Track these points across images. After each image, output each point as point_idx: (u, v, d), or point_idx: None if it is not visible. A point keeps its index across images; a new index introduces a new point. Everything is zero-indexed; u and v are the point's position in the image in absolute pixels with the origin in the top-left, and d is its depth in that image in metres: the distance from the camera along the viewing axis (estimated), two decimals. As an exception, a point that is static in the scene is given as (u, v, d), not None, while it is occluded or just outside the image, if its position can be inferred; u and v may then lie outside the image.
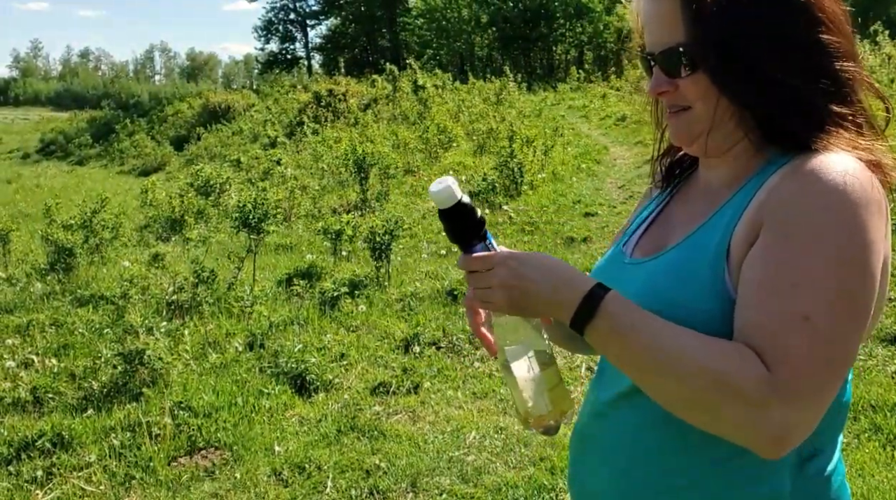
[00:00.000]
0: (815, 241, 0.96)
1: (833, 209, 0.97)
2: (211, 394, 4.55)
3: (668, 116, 1.16)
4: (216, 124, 26.72)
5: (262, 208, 6.52)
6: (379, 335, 5.50)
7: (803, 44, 1.04)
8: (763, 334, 0.96)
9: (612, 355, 1.03)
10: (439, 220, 1.11)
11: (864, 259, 0.96)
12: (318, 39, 58.31)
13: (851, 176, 0.98)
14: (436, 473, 3.67)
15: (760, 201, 1.04)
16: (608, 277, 1.21)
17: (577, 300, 1.01)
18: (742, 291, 1.01)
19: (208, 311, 5.88)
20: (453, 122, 17.18)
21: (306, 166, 14.48)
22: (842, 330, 0.95)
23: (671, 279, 1.10)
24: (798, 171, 1.01)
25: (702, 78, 1.07)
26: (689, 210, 1.20)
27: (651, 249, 1.22)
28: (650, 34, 1.12)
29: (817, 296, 0.95)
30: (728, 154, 1.13)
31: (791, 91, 1.03)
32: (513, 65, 38.62)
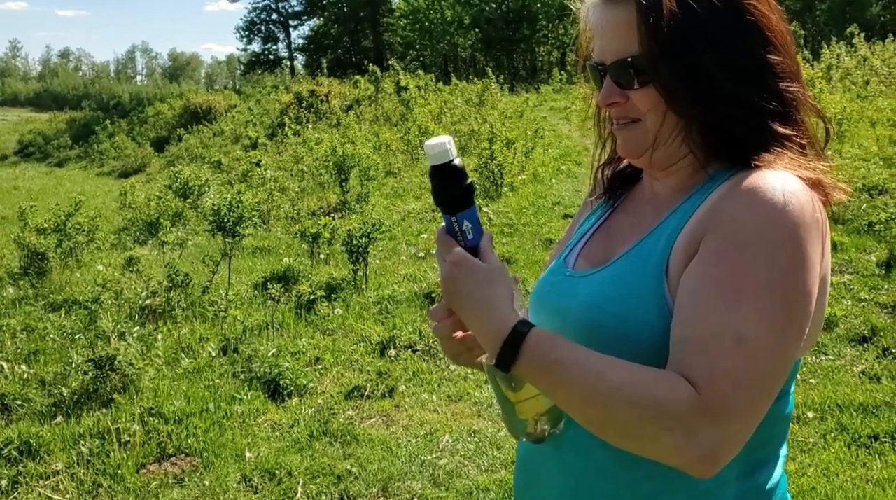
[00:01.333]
0: (751, 258, 0.96)
1: (772, 227, 0.97)
2: (182, 400, 4.50)
3: (615, 127, 1.15)
4: (197, 125, 26.56)
5: (237, 211, 6.47)
6: (355, 339, 5.46)
7: (753, 63, 1.05)
8: (693, 353, 0.95)
9: (540, 389, 1.03)
10: (429, 178, 1.09)
11: (801, 278, 0.96)
12: (301, 40, 58.05)
13: (791, 194, 0.98)
14: (407, 477, 3.65)
15: (701, 215, 1.04)
16: (551, 290, 1.23)
17: (499, 341, 1.00)
18: (677, 305, 1.01)
19: (182, 315, 5.83)
20: (435, 123, 17.15)
21: (287, 168, 14.40)
22: (774, 350, 0.95)
23: (614, 291, 1.09)
24: (739, 187, 1.01)
25: (653, 91, 1.07)
26: (633, 221, 1.20)
27: (595, 260, 1.20)
28: (602, 43, 1.11)
29: (750, 315, 0.94)
30: (673, 167, 1.13)
31: (739, 109, 1.04)
32: (496, 66, 38.65)
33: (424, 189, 11.46)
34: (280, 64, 57.93)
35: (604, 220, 1.28)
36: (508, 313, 1.03)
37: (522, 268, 6.82)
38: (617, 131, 1.15)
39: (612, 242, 1.21)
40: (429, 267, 7.15)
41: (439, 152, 1.07)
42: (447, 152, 1.07)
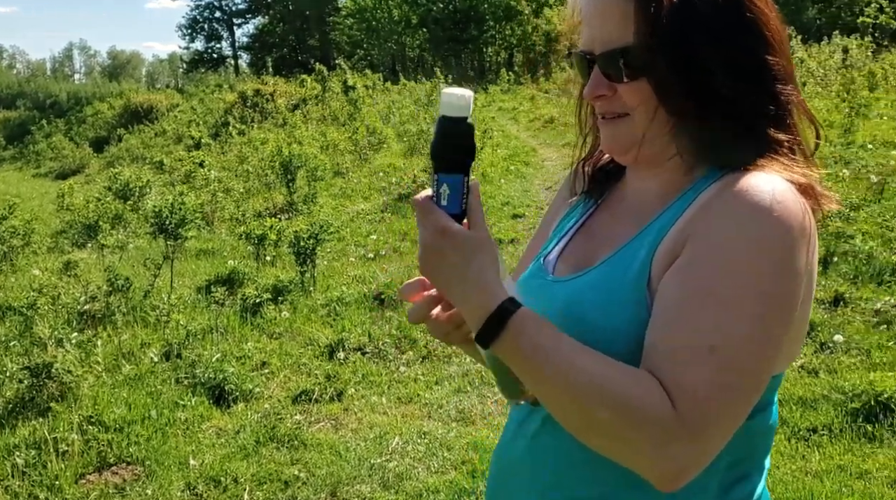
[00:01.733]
0: (731, 265, 0.92)
1: (755, 233, 0.92)
2: (123, 407, 4.38)
3: (600, 121, 1.10)
4: (138, 125, 26.01)
5: (180, 213, 6.32)
6: (302, 342, 5.39)
7: (751, 62, 1.01)
8: (667, 363, 0.91)
9: (516, 372, 0.98)
10: (435, 127, 0.99)
11: (782, 287, 0.92)
12: (245, 38, 57.28)
13: (780, 198, 0.94)
14: (357, 481, 3.60)
15: (686, 221, 1.00)
16: (530, 295, 1.14)
17: (484, 315, 0.95)
18: (654, 311, 0.97)
19: (122, 320, 5.68)
20: (384, 123, 17.08)
21: (231, 168, 14.17)
22: (751, 362, 0.91)
23: (593, 300, 1.05)
24: (726, 189, 0.97)
25: (644, 85, 1.02)
26: (616, 224, 1.14)
27: (576, 264, 1.15)
28: (592, 31, 1.06)
29: (727, 325, 0.90)
30: (659, 168, 1.09)
31: (734, 109, 1.00)
32: (444, 66, 38.71)
33: (373, 190, 11.40)
34: (224, 62, 57.08)
35: (584, 219, 1.23)
36: (496, 287, 0.97)
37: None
38: (602, 126, 1.10)
39: (594, 245, 1.15)
40: (378, 268, 7.10)
41: (459, 105, 0.97)
42: (467, 107, 0.97)
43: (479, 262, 0.97)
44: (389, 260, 7.46)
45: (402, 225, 8.82)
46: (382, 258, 7.53)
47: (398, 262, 7.33)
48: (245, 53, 56.95)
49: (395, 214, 9.45)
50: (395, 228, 8.74)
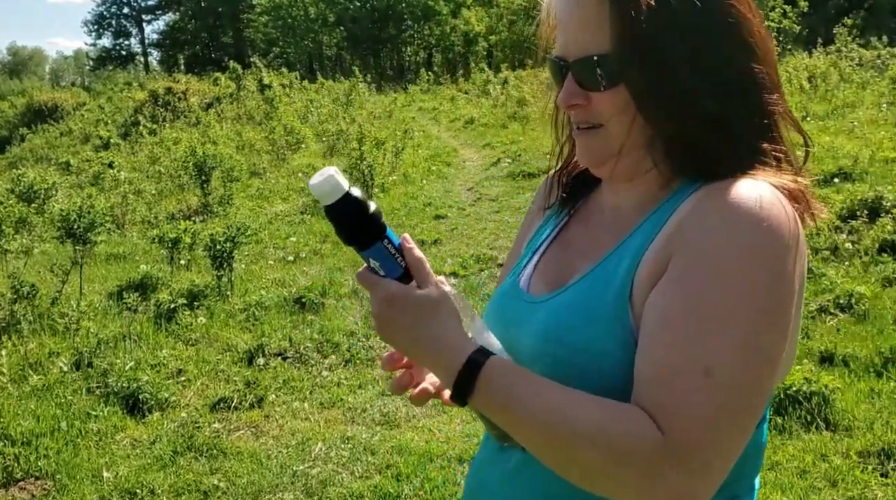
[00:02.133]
0: (720, 281, 0.87)
1: (744, 245, 0.88)
2: (31, 419, 4.19)
3: (575, 132, 1.05)
4: (43, 124, 24.93)
5: (88, 216, 6.08)
6: (220, 348, 5.26)
7: (734, 71, 0.96)
8: (658, 388, 0.87)
9: (494, 421, 0.95)
10: (326, 217, 0.94)
11: (775, 302, 0.88)
12: (155, 35, 55.79)
13: (767, 207, 0.89)
14: (279, 489, 3.54)
15: (669, 233, 0.95)
16: (503, 315, 1.12)
17: (452, 375, 0.92)
18: (641, 334, 0.92)
19: (29, 329, 5.42)
20: (301, 122, 16.87)
21: (142, 169, 13.75)
22: (748, 381, 0.86)
23: (571, 320, 1.00)
24: (709, 199, 0.92)
25: (621, 94, 0.97)
26: (592, 237, 1.09)
27: (551, 281, 1.09)
28: (567, 37, 1.01)
29: (718, 345, 0.86)
30: (636, 180, 1.04)
31: (715, 120, 0.95)
32: (362, 65, 38.53)
33: (291, 190, 11.24)
34: (133, 60, 55.35)
35: (558, 232, 1.17)
36: (459, 343, 0.94)
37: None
38: (576, 136, 1.05)
39: (570, 260, 1.10)
40: (298, 271, 7.00)
41: (329, 188, 0.92)
42: (338, 185, 0.92)
43: (434, 320, 0.95)
44: (310, 262, 7.36)
45: (323, 226, 8.72)
46: (303, 261, 7.43)
47: (319, 264, 7.25)
48: (155, 51, 55.43)
49: (314, 216, 9.34)
50: (315, 229, 8.64)
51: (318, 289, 6.12)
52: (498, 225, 8.26)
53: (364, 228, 0.94)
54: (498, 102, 20.10)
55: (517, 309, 1.11)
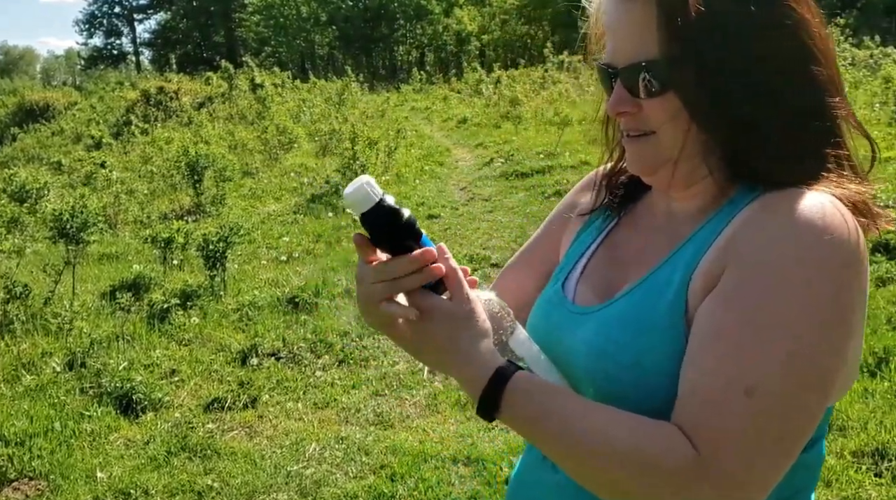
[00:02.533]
0: (772, 296, 0.83)
1: (802, 259, 0.83)
2: (24, 420, 4.19)
3: (625, 140, 1.01)
4: (34, 124, 24.82)
5: (81, 217, 6.07)
6: (214, 348, 5.26)
7: (794, 75, 0.91)
8: (697, 404, 0.84)
9: (527, 439, 0.94)
10: (362, 226, 0.95)
11: (833, 319, 0.83)
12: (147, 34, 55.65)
13: (829, 218, 0.84)
14: (273, 489, 3.55)
15: (725, 241, 0.90)
16: (552, 328, 1.08)
17: (477, 391, 0.90)
18: (688, 348, 0.88)
19: (21, 329, 5.41)
20: (294, 122, 16.85)
21: (134, 169, 13.71)
22: (794, 402, 0.82)
23: (622, 335, 0.95)
24: (767, 209, 0.88)
25: (672, 100, 0.92)
26: (643, 244, 1.05)
27: (601, 291, 1.05)
28: (615, 43, 0.97)
29: (764, 363, 0.81)
30: (692, 189, 1.00)
31: (775, 127, 0.90)
32: (355, 64, 38.50)
33: (284, 190, 11.24)
34: (125, 59, 55.19)
35: (605, 236, 1.13)
36: (486, 358, 0.92)
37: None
38: (627, 144, 1.01)
39: (620, 267, 1.06)
40: (291, 271, 7.00)
41: (362, 197, 0.92)
42: (370, 195, 0.92)
43: (464, 334, 0.93)
44: (303, 262, 7.36)
45: (316, 226, 8.72)
46: (296, 261, 7.43)
47: (312, 264, 7.25)
48: (147, 50, 55.30)
49: (308, 216, 9.34)
50: (308, 229, 8.64)
51: (311, 289, 6.12)
52: (491, 225, 8.27)
53: (399, 236, 0.94)
54: (490, 102, 20.11)
55: (563, 320, 1.06)
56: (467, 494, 3.39)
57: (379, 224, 0.94)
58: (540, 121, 15.25)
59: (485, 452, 3.68)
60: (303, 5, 45.11)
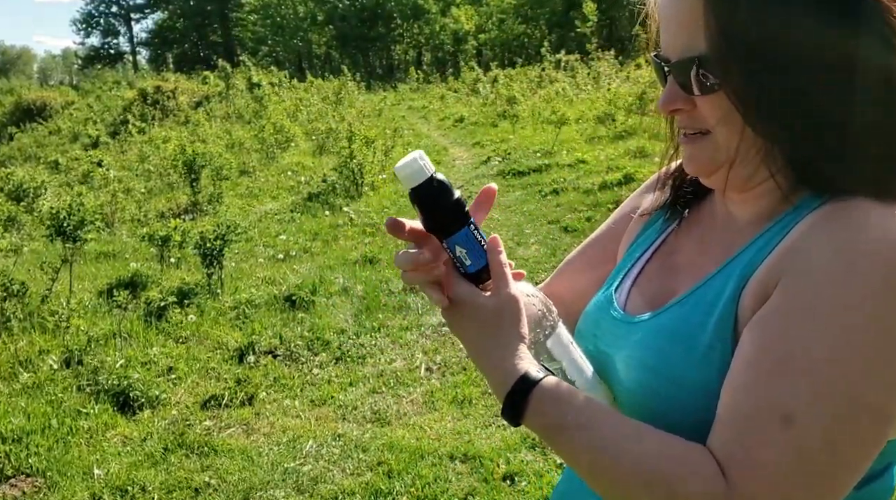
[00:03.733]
0: (822, 319, 0.76)
1: (859, 282, 0.75)
2: (21, 417, 4.18)
3: (681, 138, 0.95)
4: (31, 123, 24.81)
5: (78, 215, 6.07)
6: (211, 346, 5.26)
7: (864, 68, 0.81)
8: (731, 428, 0.78)
9: (550, 448, 0.90)
10: (412, 203, 0.92)
11: (889, 357, 0.75)
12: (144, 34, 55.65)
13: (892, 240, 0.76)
14: (270, 486, 3.55)
15: (780, 255, 0.83)
16: (598, 335, 1.03)
17: (501, 395, 0.87)
18: (730, 368, 0.82)
19: (19, 327, 5.41)
20: (291, 121, 16.86)
21: (131, 168, 13.71)
22: (835, 436, 0.74)
23: (670, 348, 0.90)
24: (825, 225, 0.80)
25: (724, 100, 0.85)
26: (699, 250, 0.99)
27: (651, 299, 1.00)
28: (668, 37, 0.91)
29: (806, 390, 0.74)
30: (752, 192, 0.92)
31: (840, 129, 0.82)
32: (352, 64, 38.50)
33: (281, 188, 11.24)
34: (122, 59, 55.16)
35: (662, 241, 1.07)
36: (513, 362, 0.88)
37: (386, 268, 6.81)
38: (683, 143, 0.95)
39: (673, 274, 1.00)
40: (288, 269, 7.01)
41: (414, 171, 0.90)
42: (422, 169, 0.90)
43: (496, 331, 0.89)
44: (300, 261, 7.37)
45: (313, 225, 8.73)
46: (293, 259, 7.43)
47: (309, 262, 7.26)
48: (144, 49, 55.29)
49: (305, 214, 9.34)
50: (305, 228, 8.64)
51: (308, 287, 6.13)
52: (488, 223, 8.28)
53: (449, 213, 0.91)
54: (488, 101, 20.13)
55: (610, 327, 1.01)
56: (464, 490, 3.40)
57: (429, 199, 0.91)
58: (537, 120, 15.27)
59: (481, 449, 3.69)
60: (300, 5, 45.09)
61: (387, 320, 5.58)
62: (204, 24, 52.54)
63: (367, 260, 7.04)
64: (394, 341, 5.20)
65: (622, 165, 9.55)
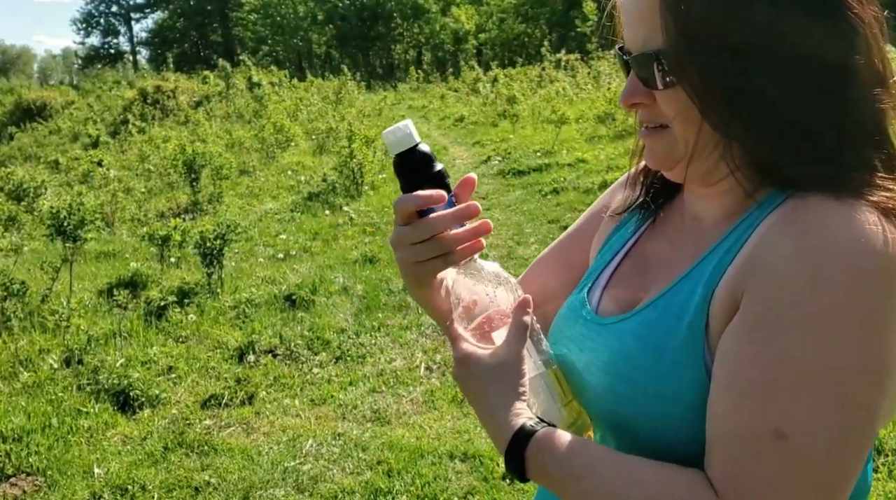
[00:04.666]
0: (798, 329, 0.74)
1: (829, 285, 0.74)
2: (22, 416, 4.19)
3: (641, 132, 0.94)
4: (31, 123, 24.82)
5: (78, 214, 6.07)
6: (211, 345, 5.27)
7: (820, 64, 0.79)
8: (720, 449, 0.76)
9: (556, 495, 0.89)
10: (395, 170, 0.93)
11: (878, 352, 0.74)
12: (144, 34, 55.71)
13: (866, 238, 0.74)
14: (270, 485, 3.56)
15: (746, 257, 0.81)
16: (569, 337, 1.02)
17: (502, 450, 0.88)
18: (712, 382, 0.80)
19: (19, 326, 5.42)
20: (291, 120, 16.86)
21: (131, 167, 13.71)
22: (829, 447, 0.73)
23: (639, 355, 0.88)
24: (787, 230, 0.78)
25: (681, 94, 0.84)
26: (670, 251, 0.98)
27: (623, 303, 0.98)
28: (629, 31, 0.90)
29: (794, 404, 0.73)
30: (715, 187, 0.91)
31: (797, 126, 0.80)
32: (352, 63, 38.51)
33: (281, 188, 11.24)
34: (122, 58, 55.19)
35: (635, 241, 1.05)
36: (509, 420, 0.88)
37: (386, 267, 6.82)
38: (643, 137, 0.94)
39: (644, 275, 0.99)
40: (288, 269, 7.01)
41: (400, 137, 0.91)
42: (410, 136, 0.91)
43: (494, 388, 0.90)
44: (300, 260, 7.37)
45: (313, 224, 8.73)
46: (293, 258, 7.44)
47: (309, 262, 7.26)
48: (144, 49, 55.31)
49: (305, 214, 9.34)
50: (305, 227, 8.65)
51: (308, 286, 6.13)
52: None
53: (432, 182, 0.92)
54: (488, 100, 20.13)
55: (581, 330, 0.99)
56: (464, 490, 3.40)
57: (413, 167, 0.92)
58: (537, 119, 15.27)
59: (481, 448, 3.70)
60: (300, 4, 45.11)
61: (387, 319, 5.58)
62: (204, 24, 52.57)
63: (367, 259, 7.05)
64: (394, 341, 5.21)
65: (622, 165, 9.55)
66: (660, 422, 0.84)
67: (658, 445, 0.84)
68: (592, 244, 1.13)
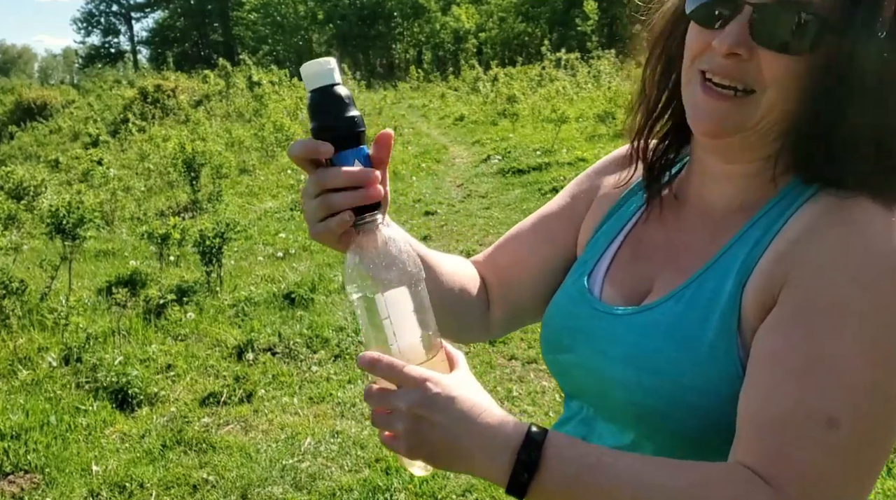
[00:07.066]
0: (848, 322, 0.74)
1: (877, 282, 0.74)
2: (20, 414, 4.19)
3: (705, 88, 0.81)
4: (31, 122, 24.82)
5: (77, 213, 6.08)
6: (210, 343, 5.27)
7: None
8: (769, 436, 0.74)
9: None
10: (308, 109, 0.84)
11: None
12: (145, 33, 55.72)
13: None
14: (268, 483, 3.56)
15: (780, 251, 0.79)
16: (576, 327, 0.95)
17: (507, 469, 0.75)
18: (749, 373, 0.78)
19: (18, 324, 5.42)
20: (291, 120, 16.85)
21: (131, 166, 13.71)
22: (876, 436, 0.74)
23: (667, 348, 0.84)
24: (840, 221, 0.77)
25: (799, 63, 0.76)
26: (676, 239, 0.93)
27: (629, 292, 0.93)
28: None
29: (846, 392, 0.73)
30: (740, 167, 0.86)
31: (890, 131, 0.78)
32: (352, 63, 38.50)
33: (281, 187, 11.24)
34: (122, 58, 55.24)
35: (633, 226, 1.00)
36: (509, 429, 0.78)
37: (382, 265, 6.81)
38: (703, 92, 0.82)
39: (648, 264, 0.94)
40: (287, 267, 7.01)
41: (319, 72, 0.82)
42: (330, 73, 0.82)
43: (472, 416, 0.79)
44: (299, 259, 7.37)
45: (312, 223, 8.72)
46: (292, 257, 7.44)
47: (308, 260, 7.26)
48: (144, 48, 55.36)
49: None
50: (304, 226, 8.60)
51: (307, 285, 6.13)
52: (487, 221, 8.29)
53: (348, 123, 0.83)
54: (488, 99, 20.12)
55: (590, 320, 0.94)
56: (462, 487, 3.40)
57: (329, 105, 0.83)
58: (537, 118, 15.27)
59: (479, 445, 3.69)
60: (300, 3, 45.13)
61: (385, 317, 5.58)
62: (204, 23, 52.62)
63: (367, 258, 7.04)
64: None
65: (622, 164, 9.55)
66: (689, 413, 0.82)
67: (684, 435, 0.83)
68: (583, 227, 1.06)
